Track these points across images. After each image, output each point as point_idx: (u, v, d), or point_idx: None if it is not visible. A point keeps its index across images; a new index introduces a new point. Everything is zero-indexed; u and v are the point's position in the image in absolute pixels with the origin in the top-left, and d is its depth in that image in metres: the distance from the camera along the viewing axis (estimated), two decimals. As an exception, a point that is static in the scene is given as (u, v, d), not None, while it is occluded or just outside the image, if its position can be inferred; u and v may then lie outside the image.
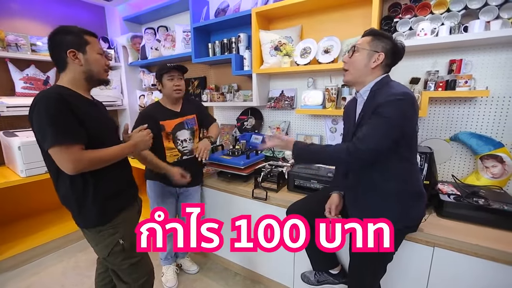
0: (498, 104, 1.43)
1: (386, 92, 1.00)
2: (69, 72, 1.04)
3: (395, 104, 0.95)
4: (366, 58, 1.06)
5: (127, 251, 1.15)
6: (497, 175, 1.41)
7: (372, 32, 1.09)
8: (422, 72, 1.58)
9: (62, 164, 0.95)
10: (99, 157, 1.01)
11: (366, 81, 1.09)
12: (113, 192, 1.13)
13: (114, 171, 1.12)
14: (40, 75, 2.45)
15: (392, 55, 1.05)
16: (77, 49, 1.02)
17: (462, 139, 1.50)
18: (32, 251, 2.12)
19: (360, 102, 1.12)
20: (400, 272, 1.25)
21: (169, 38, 2.59)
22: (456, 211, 1.23)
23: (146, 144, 1.21)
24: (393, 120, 0.94)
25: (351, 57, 1.09)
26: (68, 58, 1.02)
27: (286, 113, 2.21)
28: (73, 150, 0.94)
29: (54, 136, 0.91)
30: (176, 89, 1.56)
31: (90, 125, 1.01)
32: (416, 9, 1.53)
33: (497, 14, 1.34)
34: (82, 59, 1.04)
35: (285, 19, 2.05)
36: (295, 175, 1.63)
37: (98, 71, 1.09)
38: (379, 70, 1.07)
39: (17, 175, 2.04)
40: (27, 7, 2.47)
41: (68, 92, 1.02)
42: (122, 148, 1.10)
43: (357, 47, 1.08)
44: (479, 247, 1.06)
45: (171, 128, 1.59)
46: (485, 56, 1.43)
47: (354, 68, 1.09)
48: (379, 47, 1.04)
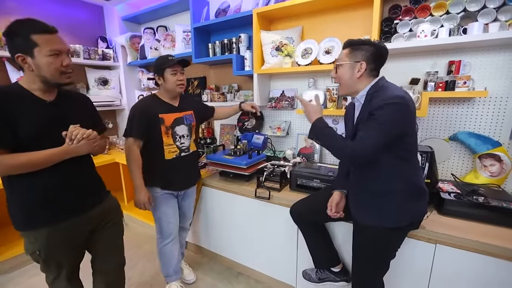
0: (496, 104, 1.47)
1: (381, 95, 1.02)
2: (25, 74, 0.98)
3: (389, 108, 0.97)
4: (349, 71, 1.09)
5: (43, 264, 1.10)
6: (495, 174, 1.44)
7: (349, 44, 1.12)
8: (422, 73, 1.61)
9: None
10: (20, 162, 0.92)
11: (359, 89, 1.12)
12: (41, 200, 1.02)
13: (54, 174, 1.02)
14: (38, 75, 2.42)
15: (374, 59, 1.07)
16: (24, 53, 0.92)
17: (461, 139, 1.54)
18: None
19: (357, 106, 1.15)
20: (402, 269, 1.27)
21: (169, 38, 2.58)
22: (456, 208, 1.26)
23: (85, 149, 1.04)
24: (386, 123, 0.97)
25: (336, 73, 1.14)
26: (19, 62, 0.93)
27: (286, 113, 2.22)
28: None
29: None
30: (180, 84, 1.52)
31: (23, 127, 0.93)
32: (416, 11, 1.56)
33: (495, 17, 1.37)
34: (31, 64, 0.93)
35: (286, 20, 2.06)
36: (297, 175, 1.64)
37: (52, 76, 0.97)
38: (366, 77, 1.10)
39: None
40: (24, 6, 2.45)
41: (16, 91, 0.96)
42: (50, 153, 0.98)
43: (338, 63, 1.12)
44: (480, 243, 1.09)
45: (170, 122, 1.53)
46: (483, 57, 1.46)
47: (342, 81, 1.13)
48: (358, 57, 1.07)
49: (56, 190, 1.05)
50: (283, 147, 2.27)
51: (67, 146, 1.00)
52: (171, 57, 1.51)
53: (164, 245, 1.66)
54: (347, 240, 1.41)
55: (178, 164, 1.59)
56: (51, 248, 1.06)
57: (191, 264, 2.02)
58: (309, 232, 1.42)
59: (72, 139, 1.00)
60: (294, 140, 2.20)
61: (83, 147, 1.02)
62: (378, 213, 1.09)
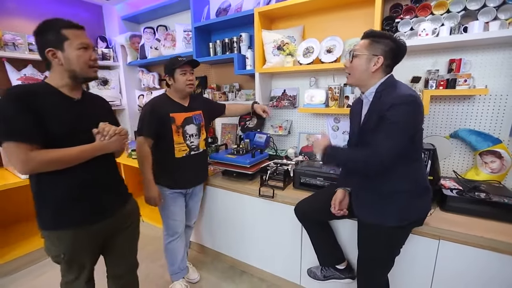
0: (496, 101, 1.49)
1: (392, 94, 1.01)
2: (53, 71, 1.00)
3: (403, 109, 0.96)
4: (365, 63, 1.06)
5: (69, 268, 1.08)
6: (496, 170, 1.47)
7: (370, 34, 1.07)
8: (423, 71, 1.63)
9: (12, 163, 0.90)
10: (52, 158, 0.92)
11: (369, 84, 1.10)
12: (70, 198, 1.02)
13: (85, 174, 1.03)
14: (37, 75, 2.41)
15: (392, 55, 1.05)
16: (55, 47, 0.95)
17: (462, 136, 1.56)
18: (34, 254, 2.09)
19: (366, 103, 1.14)
20: (407, 265, 1.29)
21: (169, 37, 2.58)
22: (459, 205, 1.28)
23: (116, 145, 1.06)
24: (402, 124, 0.97)
25: (351, 62, 1.10)
26: (48, 57, 0.96)
27: (288, 112, 2.23)
28: (22, 149, 0.88)
29: (4, 132, 0.88)
30: (189, 84, 1.56)
31: (54, 125, 0.94)
32: (417, 10, 1.57)
33: (495, 15, 1.39)
34: (61, 58, 0.96)
35: (287, 19, 2.07)
36: (301, 173, 1.65)
37: (81, 69, 1.00)
38: (380, 72, 1.07)
39: (17, 177, 2.00)
40: (24, 6, 2.43)
41: (44, 89, 0.97)
42: (83, 150, 0.98)
43: (355, 52, 1.08)
44: (483, 239, 1.11)
45: (180, 122, 1.58)
46: (483, 55, 1.48)
47: (355, 73, 1.10)
48: (378, 50, 1.04)
49: (86, 188, 1.05)
50: (285, 146, 2.28)
51: (99, 142, 1.02)
52: (181, 58, 1.55)
53: (170, 242, 1.69)
54: (352, 238, 1.43)
55: (187, 163, 1.62)
56: (76, 249, 1.06)
57: (195, 263, 2.02)
58: (313, 230, 1.44)
59: (104, 135, 1.03)
60: (296, 139, 2.21)
61: (114, 143, 1.05)
62: (385, 212, 1.10)
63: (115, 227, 1.17)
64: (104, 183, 1.12)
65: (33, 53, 2.35)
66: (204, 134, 1.73)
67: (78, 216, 1.04)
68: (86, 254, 1.11)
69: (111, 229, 1.15)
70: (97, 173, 1.08)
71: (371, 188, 1.14)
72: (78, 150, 0.98)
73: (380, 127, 1.01)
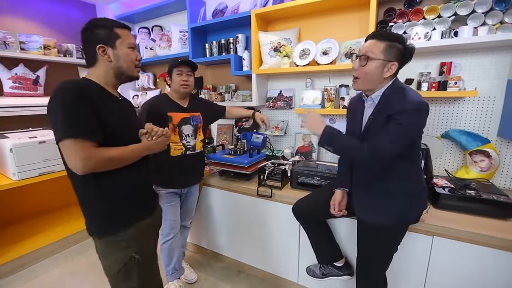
0: (485, 103, 1.55)
1: (401, 98, 1.01)
2: (99, 67, 0.99)
3: (414, 114, 0.98)
4: (379, 68, 1.02)
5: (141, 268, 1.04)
6: (485, 169, 1.53)
7: (387, 37, 1.01)
8: (416, 73, 1.68)
9: (71, 161, 0.86)
10: (111, 157, 0.92)
11: (377, 88, 1.09)
12: (130, 196, 1.03)
13: (136, 172, 1.04)
14: (29, 74, 2.36)
15: (402, 60, 1.03)
16: (106, 44, 0.96)
17: (453, 136, 1.62)
18: (28, 256, 2.04)
19: (370, 105, 1.13)
20: (402, 261, 1.33)
21: (165, 37, 2.57)
22: (451, 202, 1.33)
23: (161, 145, 1.11)
24: (409, 129, 0.99)
25: (365, 65, 1.04)
26: (98, 53, 0.96)
27: (284, 113, 2.26)
28: (84, 146, 0.86)
29: (66, 128, 0.84)
30: (183, 84, 1.57)
31: (109, 122, 0.94)
32: (410, 14, 1.63)
33: (483, 21, 1.45)
34: (111, 55, 0.98)
35: (283, 21, 2.10)
36: (298, 173, 1.68)
37: (128, 67, 1.02)
38: (390, 77, 1.07)
39: (9, 179, 1.96)
40: (16, 4, 2.39)
41: (93, 86, 0.97)
42: (135, 149, 1.00)
43: (371, 56, 1.02)
44: (474, 234, 1.16)
45: (177, 121, 1.59)
46: (472, 59, 1.54)
47: (366, 77, 1.06)
48: (393, 56, 1.00)
49: (140, 183, 1.08)
50: (281, 146, 2.31)
51: (147, 142, 1.05)
52: (180, 59, 1.57)
53: (165, 242, 1.68)
54: (349, 235, 1.46)
55: (182, 162, 1.63)
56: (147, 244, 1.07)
57: (192, 264, 2.02)
58: (311, 229, 1.46)
59: (152, 136, 1.07)
60: (292, 139, 2.24)
61: (159, 144, 1.09)
62: (385, 212, 1.13)
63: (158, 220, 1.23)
64: (148, 182, 1.16)
65: (24, 51, 2.30)
66: (201, 135, 1.73)
67: (141, 210, 1.08)
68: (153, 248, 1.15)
69: (158, 221, 1.22)
70: (145, 172, 1.11)
71: (371, 188, 1.17)
72: (132, 149, 0.99)
73: (385, 126, 1.02)
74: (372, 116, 1.11)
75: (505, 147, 1.54)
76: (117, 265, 0.99)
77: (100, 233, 1.00)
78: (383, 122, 1.04)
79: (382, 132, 1.02)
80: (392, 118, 1.01)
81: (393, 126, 1.00)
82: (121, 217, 1.01)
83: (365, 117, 1.16)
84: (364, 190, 1.20)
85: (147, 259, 1.08)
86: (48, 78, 2.53)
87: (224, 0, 2.34)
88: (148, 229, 1.11)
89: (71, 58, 2.59)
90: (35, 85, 2.39)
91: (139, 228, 1.05)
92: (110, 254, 1.00)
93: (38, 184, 2.04)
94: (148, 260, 1.09)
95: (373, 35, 1.06)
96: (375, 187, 1.16)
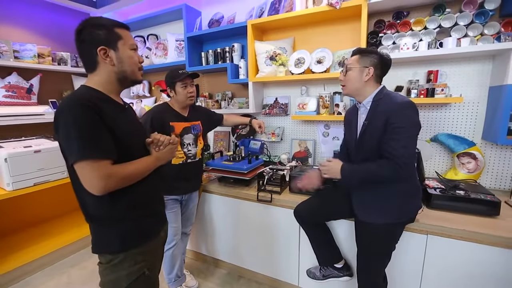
0: (469, 108, 1.66)
1: (390, 101, 1.14)
2: (100, 73, 0.90)
3: (406, 113, 1.09)
4: (358, 74, 1.21)
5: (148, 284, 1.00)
6: (472, 170, 1.62)
7: (358, 51, 1.24)
8: (405, 81, 1.78)
9: (91, 182, 0.81)
10: (129, 173, 0.88)
11: (365, 92, 1.23)
12: (148, 210, 1.01)
13: (148, 185, 1.00)
14: (23, 83, 2.33)
15: (380, 66, 1.20)
16: (107, 45, 0.87)
17: (441, 140, 1.71)
18: (23, 267, 2.00)
19: (363, 111, 1.26)
20: (399, 259, 1.39)
21: (161, 46, 2.60)
22: (442, 202, 1.41)
23: (171, 153, 1.07)
24: (409, 127, 1.09)
25: (346, 75, 1.25)
26: (99, 56, 0.87)
27: (280, 119, 2.32)
28: (102, 166, 0.81)
29: (82, 150, 0.79)
30: (190, 96, 1.62)
31: (120, 134, 0.88)
32: (398, 26, 1.73)
33: (465, 33, 1.57)
34: (114, 58, 0.89)
35: (278, 31, 2.18)
36: (296, 177, 1.72)
37: (132, 71, 0.94)
38: (372, 81, 1.22)
39: (3, 189, 1.91)
40: (10, 12, 2.37)
41: (98, 95, 0.89)
42: (149, 161, 0.96)
43: (349, 66, 1.23)
44: (465, 231, 1.23)
45: (179, 130, 1.63)
46: (457, 67, 1.65)
47: (350, 83, 1.24)
48: (367, 62, 1.20)
49: (151, 197, 1.04)
50: (277, 152, 2.36)
51: (156, 153, 1.01)
52: (181, 71, 1.59)
53: (167, 249, 1.68)
54: (348, 237, 1.51)
55: (183, 170, 1.65)
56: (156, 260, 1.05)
57: (192, 270, 2.02)
58: (312, 232, 1.50)
59: (159, 145, 1.02)
60: (288, 145, 2.30)
61: (168, 153, 1.05)
62: (385, 211, 1.20)
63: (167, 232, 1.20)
64: (160, 190, 1.13)
65: (18, 60, 2.28)
66: (201, 143, 1.77)
67: (154, 224, 1.05)
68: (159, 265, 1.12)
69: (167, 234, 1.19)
70: (156, 184, 1.07)
71: (373, 189, 1.23)
72: (146, 163, 0.95)
73: (388, 134, 1.11)
74: (366, 121, 1.21)
75: (489, 149, 1.64)
76: (125, 281, 0.93)
77: (123, 249, 0.93)
78: (377, 126, 1.14)
79: (389, 140, 1.11)
80: (389, 124, 1.11)
81: (396, 131, 1.09)
82: (145, 228, 0.99)
83: (359, 123, 1.26)
84: (364, 191, 1.26)
85: (154, 274, 1.05)
86: (42, 87, 2.50)
87: (220, 10, 2.41)
88: (160, 243, 1.11)
89: (65, 66, 2.58)
90: (29, 93, 2.36)
91: (155, 242, 1.04)
92: (121, 269, 0.93)
93: (32, 194, 2.00)
94: (154, 275, 1.07)
95: (352, 53, 1.27)
96: (375, 188, 1.22)
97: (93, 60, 0.89)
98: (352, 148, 1.31)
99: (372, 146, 1.18)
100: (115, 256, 0.92)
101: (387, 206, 1.20)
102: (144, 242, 0.98)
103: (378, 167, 1.13)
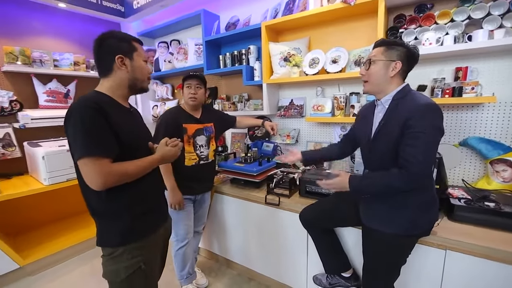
0: (506, 109, 1.46)
1: (411, 102, 1.02)
2: (113, 78, 1.01)
3: (428, 116, 0.97)
4: (383, 68, 1.08)
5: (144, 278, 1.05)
6: (508, 179, 1.43)
7: (383, 42, 1.10)
8: (429, 79, 1.63)
9: (92, 178, 0.89)
10: (128, 171, 0.95)
11: (387, 90, 1.10)
12: (146, 207, 1.07)
13: (147, 183, 1.06)
14: (61, 89, 2.59)
15: (407, 60, 1.07)
16: (125, 55, 1.00)
17: (471, 144, 1.53)
18: (53, 256, 2.22)
19: (380, 109, 1.14)
20: (414, 275, 1.27)
21: (182, 51, 2.71)
22: (467, 214, 1.26)
23: (174, 155, 1.13)
24: (430, 133, 0.97)
25: (368, 69, 1.11)
26: (115, 63, 0.99)
27: (295, 121, 2.27)
28: (103, 163, 0.89)
29: (85, 147, 0.87)
30: (191, 97, 1.64)
31: (124, 135, 0.96)
32: (421, 20, 1.59)
33: (501, 23, 1.39)
34: (129, 66, 1.01)
35: (293, 31, 2.14)
36: (306, 181, 1.67)
37: (142, 79, 1.07)
38: (398, 78, 1.09)
39: (41, 183, 2.14)
40: (49, 25, 2.67)
41: (106, 99, 0.99)
42: (151, 161, 1.03)
43: (373, 59, 1.09)
44: (491, 249, 1.08)
45: (192, 132, 1.67)
46: (490, 63, 1.47)
47: (373, 79, 1.11)
48: (394, 56, 1.06)
49: (152, 193, 1.11)
50: (292, 154, 2.31)
51: (159, 153, 1.08)
52: (191, 72, 1.66)
53: (180, 248, 1.73)
54: (357, 245, 1.43)
55: (196, 171, 1.70)
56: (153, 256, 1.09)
57: (203, 269, 2.07)
58: (318, 238, 1.45)
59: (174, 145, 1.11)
60: (303, 147, 2.24)
61: (172, 154, 1.11)
62: (394, 222, 1.10)
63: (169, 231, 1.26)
64: (159, 188, 1.20)
65: (57, 68, 2.54)
66: (213, 145, 1.80)
67: (153, 220, 1.11)
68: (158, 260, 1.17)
69: (168, 232, 1.26)
70: (157, 181, 1.16)
71: (383, 199, 1.14)
72: (146, 161, 1.01)
73: (405, 139, 1.00)
74: (382, 121, 1.10)
75: (530, 156, 1.43)
76: (124, 273, 1.00)
77: (122, 243, 1.00)
78: (393, 129, 1.04)
79: (406, 146, 0.99)
80: (407, 128, 0.99)
81: (414, 136, 0.97)
82: (143, 224, 1.05)
83: (375, 123, 1.16)
84: (373, 199, 1.18)
85: (151, 270, 1.09)
86: (78, 91, 2.76)
87: (238, 14, 2.43)
88: (159, 240, 1.15)
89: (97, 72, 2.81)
90: (66, 98, 2.62)
91: (153, 238, 1.09)
92: (120, 262, 1.00)
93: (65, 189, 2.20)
94: (151, 270, 1.11)
95: (374, 44, 1.12)
96: (385, 196, 1.13)
97: (110, 66, 1.00)
98: (364, 147, 1.23)
99: (385, 150, 1.08)
100: (115, 249, 1.00)
101: (398, 218, 1.10)
102: (142, 237, 1.04)
103: (390, 178, 1.03)
